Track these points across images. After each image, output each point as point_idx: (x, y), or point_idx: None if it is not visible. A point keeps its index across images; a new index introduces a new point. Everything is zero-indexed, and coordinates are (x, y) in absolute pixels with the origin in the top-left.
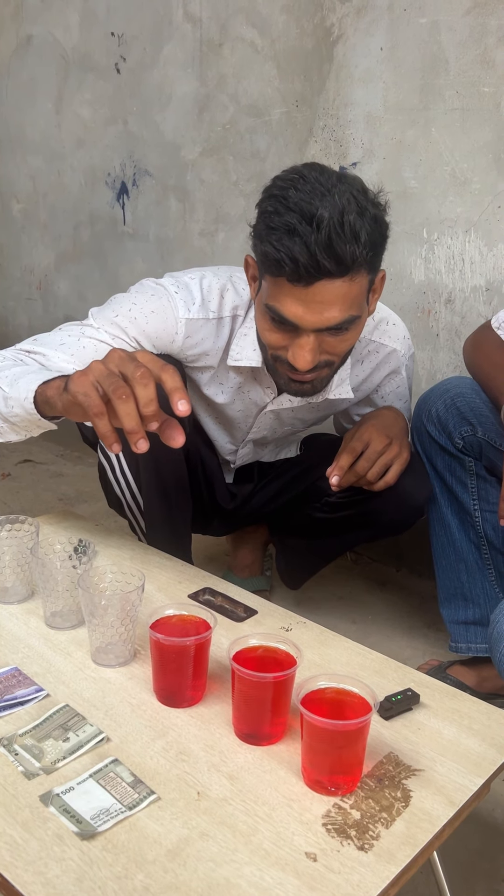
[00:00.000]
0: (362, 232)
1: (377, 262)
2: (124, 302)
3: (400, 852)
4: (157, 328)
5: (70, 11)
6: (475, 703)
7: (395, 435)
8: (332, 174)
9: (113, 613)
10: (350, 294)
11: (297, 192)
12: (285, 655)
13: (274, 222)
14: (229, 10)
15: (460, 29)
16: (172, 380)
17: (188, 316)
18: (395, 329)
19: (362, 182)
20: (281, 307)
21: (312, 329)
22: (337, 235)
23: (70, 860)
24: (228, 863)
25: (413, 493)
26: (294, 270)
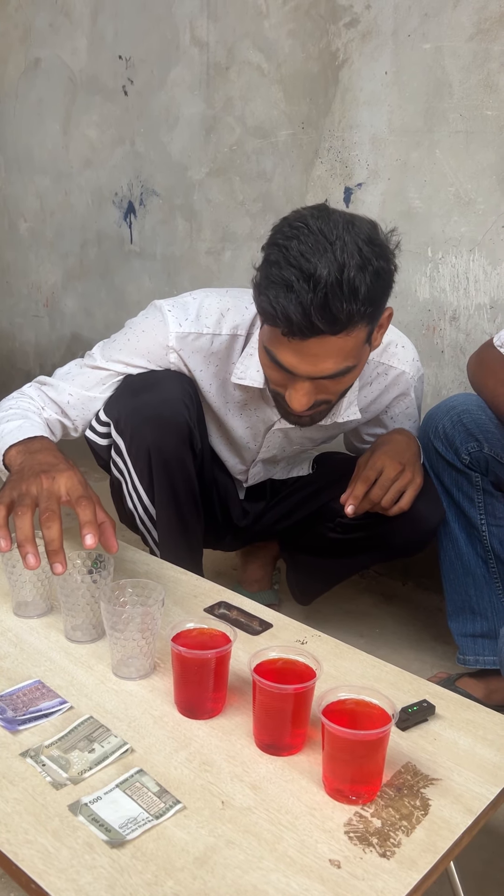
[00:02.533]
0: (361, 287)
1: (378, 312)
2: (125, 327)
3: (421, 859)
4: (147, 345)
5: (78, 35)
6: (489, 714)
7: (408, 460)
8: (339, 221)
9: (134, 627)
10: (345, 348)
11: (299, 244)
12: (305, 667)
13: (273, 275)
14: (236, 34)
15: (464, 54)
16: (84, 513)
17: (178, 330)
18: (403, 352)
19: (371, 228)
20: (277, 354)
21: (307, 377)
22: (334, 295)
23: (101, 868)
24: (255, 870)
25: (426, 517)
26: (288, 328)
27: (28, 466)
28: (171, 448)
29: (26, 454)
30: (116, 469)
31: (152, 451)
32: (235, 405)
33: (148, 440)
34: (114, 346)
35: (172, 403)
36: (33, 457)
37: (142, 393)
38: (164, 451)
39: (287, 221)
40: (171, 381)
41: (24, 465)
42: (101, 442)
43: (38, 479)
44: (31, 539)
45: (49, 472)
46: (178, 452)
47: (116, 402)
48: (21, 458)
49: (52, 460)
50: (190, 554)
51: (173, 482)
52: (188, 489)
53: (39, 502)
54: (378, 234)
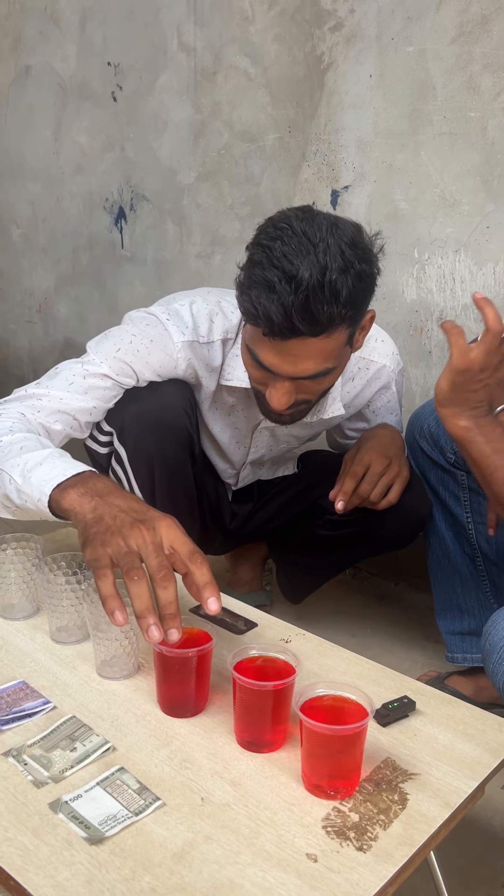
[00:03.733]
0: (343, 290)
1: (360, 314)
2: (123, 335)
3: (397, 852)
4: (159, 357)
5: (67, 42)
6: (470, 710)
7: (394, 454)
8: (323, 224)
9: (117, 627)
10: (326, 349)
11: (283, 245)
12: (284, 665)
13: (256, 276)
14: (222, 39)
15: (447, 57)
16: (201, 573)
17: (183, 339)
18: (383, 346)
19: (355, 231)
20: (258, 353)
21: (287, 377)
22: (315, 297)
23: (79, 864)
24: (232, 864)
25: (414, 510)
26: (269, 328)
27: (111, 514)
28: (174, 455)
29: (95, 497)
30: (115, 477)
31: (156, 458)
32: (224, 409)
33: (151, 448)
34: (120, 355)
35: (174, 410)
36: (107, 501)
37: (144, 399)
38: (167, 457)
39: (272, 222)
40: (171, 389)
41: (102, 512)
42: (101, 450)
43: (136, 530)
44: (152, 608)
45: (146, 522)
46: (180, 459)
47: (119, 412)
48: (91, 502)
49: (136, 506)
50: None
51: (174, 489)
52: (187, 496)
53: (147, 559)
54: (362, 237)
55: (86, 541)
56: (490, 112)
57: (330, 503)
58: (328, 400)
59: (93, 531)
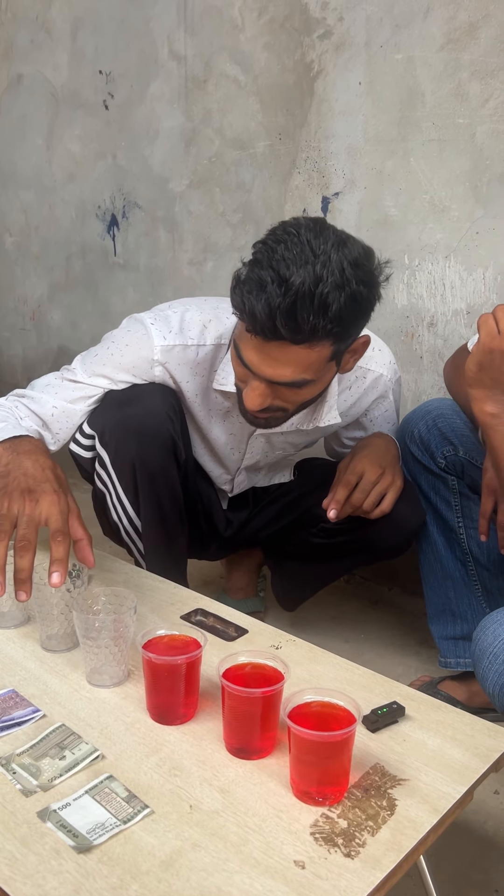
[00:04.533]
0: (333, 305)
1: (347, 335)
2: (106, 341)
3: (385, 858)
4: (132, 359)
5: (59, 51)
6: (459, 715)
7: (388, 464)
8: (331, 238)
9: (107, 635)
10: (306, 360)
11: (285, 249)
12: (273, 671)
13: (252, 273)
14: (213, 47)
15: (435, 64)
16: (57, 551)
17: (163, 343)
18: (380, 355)
19: (362, 253)
20: (242, 349)
21: (264, 378)
22: (302, 304)
23: (67, 873)
24: (220, 872)
25: (407, 519)
26: (252, 325)
27: (14, 475)
28: (156, 460)
29: (13, 453)
30: (101, 481)
31: (137, 463)
32: (219, 413)
33: (132, 452)
34: (96, 360)
35: (156, 416)
36: (20, 460)
37: (126, 406)
38: (149, 463)
39: (283, 225)
40: (154, 394)
41: (11, 468)
42: (85, 455)
43: (21, 498)
44: (1, 567)
45: (33, 493)
46: (163, 464)
47: (101, 415)
48: (8, 456)
49: (38, 473)
50: (175, 564)
51: (158, 494)
52: (173, 500)
53: (18, 527)
54: (368, 261)
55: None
56: (478, 119)
57: (323, 511)
58: (324, 408)
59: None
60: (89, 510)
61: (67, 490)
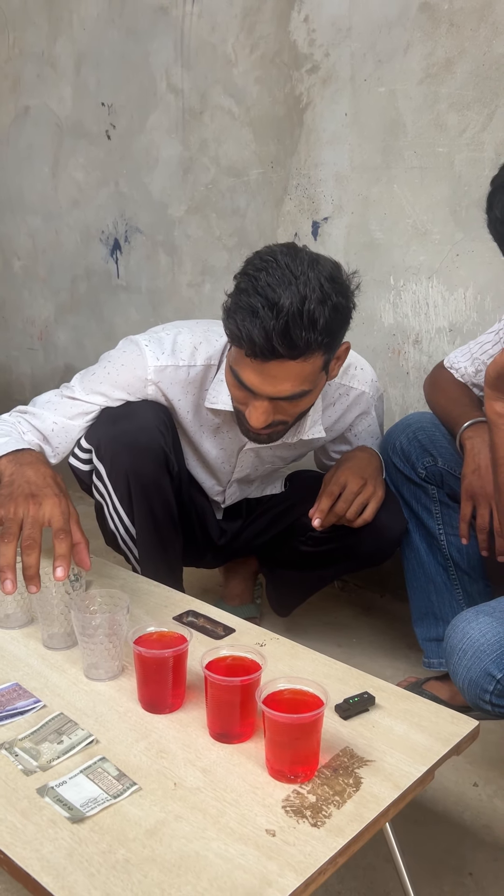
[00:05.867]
0: (320, 319)
1: (335, 343)
2: (103, 361)
3: (348, 827)
4: (126, 378)
5: (63, 84)
6: (426, 704)
7: (370, 475)
8: (305, 259)
9: (102, 633)
10: (303, 373)
11: (267, 275)
12: (251, 663)
13: (241, 302)
14: (208, 81)
15: (415, 96)
16: (59, 547)
17: (157, 364)
18: (362, 373)
19: (334, 268)
20: (241, 373)
21: (266, 396)
22: (294, 323)
23: (62, 839)
24: (199, 839)
25: (389, 527)
26: (251, 349)
27: (18, 483)
28: (149, 472)
29: (16, 464)
30: (98, 493)
31: (130, 475)
32: (209, 429)
33: (126, 465)
34: (94, 379)
35: (149, 431)
36: (23, 470)
37: (120, 421)
38: (142, 475)
39: (259, 255)
40: (146, 411)
41: (15, 478)
42: (83, 468)
43: (26, 502)
44: (12, 566)
45: (37, 497)
46: (155, 476)
47: (97, 431)
48: (12, 468)
49: (40, 480)
50: (170, 571)
51: (151, 504)
52: (166, 510)
53: (24, 528)
54: (340, 273)
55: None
56: (456, 147)
57: (311, 521)
58: (307, 422)
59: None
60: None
61: (68, 495)
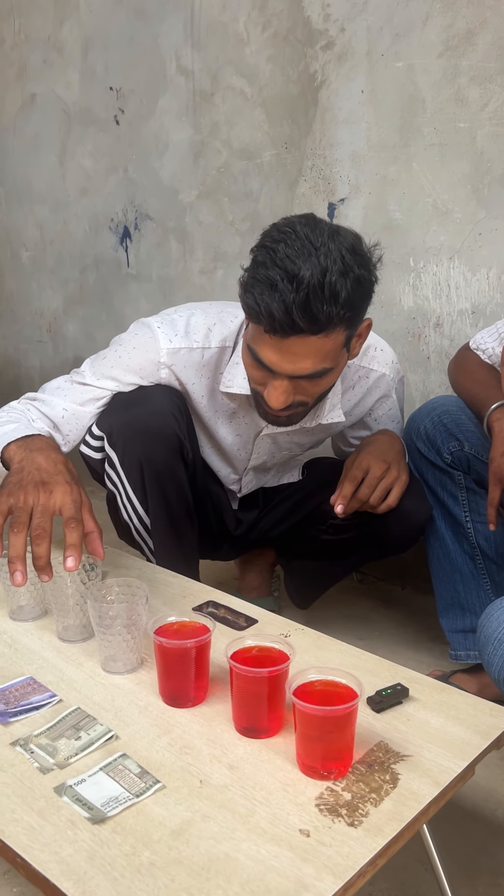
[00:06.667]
0: (342, 292)
1: (357, 318)
2: (114, 344)
3: (387, 827)
4: (139, 362)
5: (71, 70)
6: (462, 696)
7: (393, 459)
8: (325, 230)
9: (120, 623)
10: (324, 349)
11: (286, 247)
12: (279, 653)
13: (259, 275)
14: (219, 62)
15: (434, 70)
16: (70, 536)
17: (169, 346)
18: (382, 355)
19: (355, 239)
20: (259, 351)
21: (286, 375)
22: (315, 296)
23: (82, 841)
24: (228, 840)
25: (414, 513)
26: (270, 324)
27: (28, 470)
28: (162, 459)
29: (26, 450)
30: (110, 482)
31: (144, 462)
32: (225, 414)
33: (139, 452)
34: (104, 363)
35: (162, 416)
36: (33, 456)
37: (132, 407)
38: (156, 462)
39: (276, 227)
40: (160, 395)
41: (24, 465)
42: (95, 456)
43: (36, 490)
44: (22, 557)
45: (47, 485)
46: (169, 463)
47: (108, 417)
48: (21, 454)
49: (51, 467)
50: (185, 561)
51: (165, 492)
52: (180, 498)
53: (33, 517)
54: (361, 245)
55: (2, 486)
56: (478, 122)
57: (332, 508)
58: (326, 405)
59: (8, 480)
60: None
61: (79, 483)
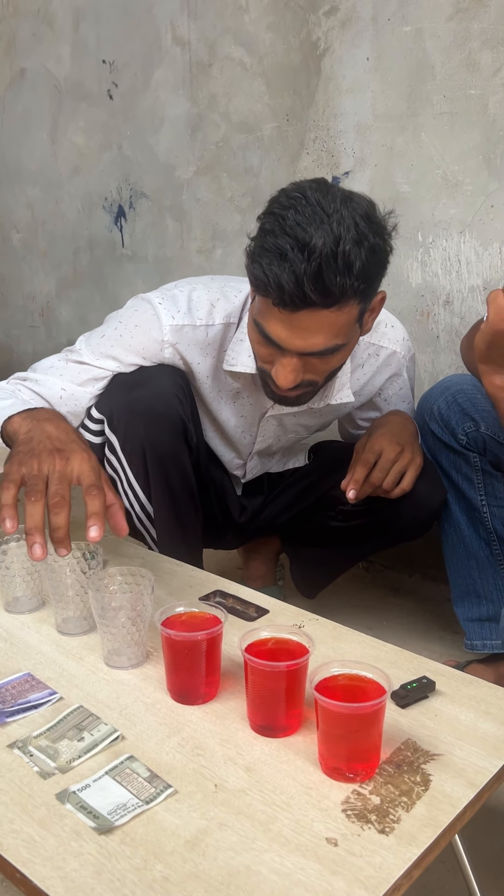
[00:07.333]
0: (356, 262)
1: (372, 290)
2: (112, 321)
3: (422, 834)
4: (141, 341)
5: (61, 43)
6: (492, 689)
7: (406, 441)
8: (338, 196)
9: (124, 615)
10: (336, 323)
11: (296, 213)
12: (297, 646)
13: (267, 243)
14: (217, 31)
15: (444, 35)
16: (93, 504)
17: (172, 323)
18: (393, 331)
19: (369, 206)
20: (267, 326)
21: (296, 352)
22: (328, 266)
23: (88, 854)
24: (248, 851)
25: (428, 498)
26: (280, 297)
27: (38, 438)
28: (166, 443)
29: (33, 421)
30: (111, 467)
31: (146, 446)
32: (228, 395)
33: (141, 436)
34: (104, 342)
35: (166, 398)
36: (41, 426)
37: (134, 388)
38: (159, 446)
39: (285, 192)
40: (163, 376)
41: (33, 434)
42: (94, 440)
43: (51, 457)
44: (40, 528)
45: (63, 452)
46: (173, 447)
47: (109, 399)
48: (28, 424)
49: (63, 436)
50: (189, 550)
51: (169, 478)
52: (184, 484)
53: (50, 485)
54: (375, 212)
55: (10, 456)
56: (490, 89)
57: (342, 493)
58: (335, 385)
59: (18, 449)
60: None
61: (94, 453)
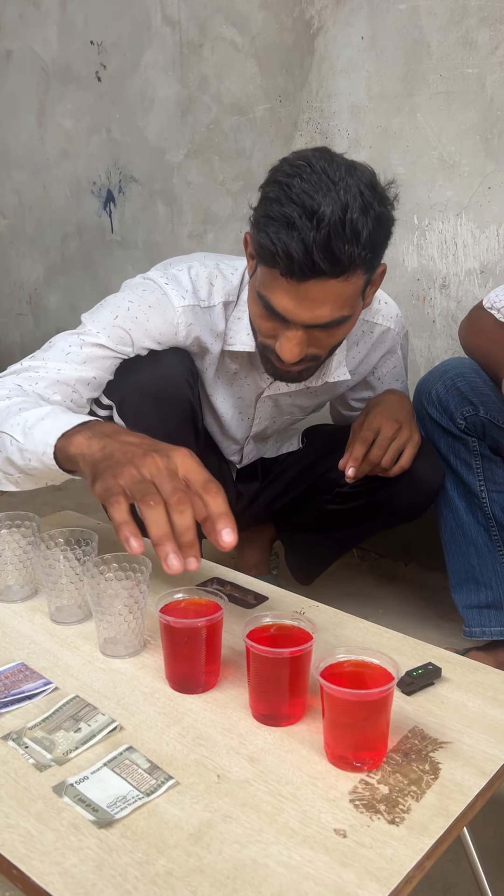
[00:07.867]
0: (364, 231)
1: (376, 261)
2: (121, 302)
3: (433, 824)
4: (158, 324)
5: (48, 24)
6: (499, 675)
7: (404, 419)
8: (342, 164)
9: (120, 602)
10: (344, 294)
11: (302, 181)
12: (300, 632)
13: (274, 212)
14: (207, 10)
15: (440, 12)
16: (216, 503)
17: (183, 304)
18: (387, 308)
19: (372, 174)
20: (272, 298)
21: (301, 324)
22: (336, 235)
23: (88, 849)
24: (254, 843)
25: (427, 477)
26: (288, 266)
27: (121, 450)
28: (176, 429)
29: (103, 438)
30: None
31: (158, 432)
32: (227, 376)
33: (152, 421)
34: (119, 323)
35: (176, 380)
36: (116, 439)
37: (143, 371)
38: (170, 432)
39: (288, 161)
40: (172, 358)
41: (111, 449)
42: None
43: (150, 459)
44: (170, 535)
45: (159, 451)
46: (184, 433)
47: (118, 383)
48: (98, 442)
49: (146, 440)
50: None
51: None
52: None
53: (162, 485)
54: (378, 181)
55: (95, 476)
56: (488, 67)
57: (339, 475)
58: (333, 362)
59: (103, 466)
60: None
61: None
